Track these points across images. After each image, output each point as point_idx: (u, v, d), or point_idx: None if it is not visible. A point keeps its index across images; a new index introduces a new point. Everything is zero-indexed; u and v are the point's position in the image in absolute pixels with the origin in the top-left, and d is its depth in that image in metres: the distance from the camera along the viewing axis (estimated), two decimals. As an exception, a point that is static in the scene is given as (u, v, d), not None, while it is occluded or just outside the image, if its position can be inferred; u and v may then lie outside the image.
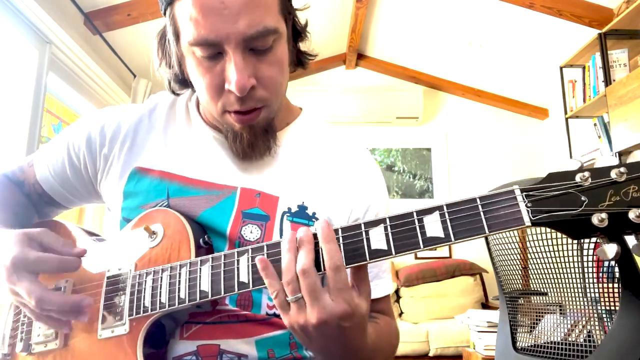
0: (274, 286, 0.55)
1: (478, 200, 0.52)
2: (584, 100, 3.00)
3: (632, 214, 0.47)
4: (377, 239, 0.54)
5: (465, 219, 0.52)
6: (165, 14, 0.68)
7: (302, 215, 0.73)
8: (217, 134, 0.77)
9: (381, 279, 0.78)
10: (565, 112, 3.18)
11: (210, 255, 0.62)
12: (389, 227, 0.54)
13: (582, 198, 0.49)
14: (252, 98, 0.65)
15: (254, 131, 0.70)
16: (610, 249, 0.49)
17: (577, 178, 0.50)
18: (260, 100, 0.66)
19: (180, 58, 0.70)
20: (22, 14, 2.11)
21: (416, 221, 0.53)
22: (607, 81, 2.71)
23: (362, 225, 0.55)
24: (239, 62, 0.62)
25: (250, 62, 0.63)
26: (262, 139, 0.71)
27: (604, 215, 0.47)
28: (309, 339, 0.56)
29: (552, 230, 1.28)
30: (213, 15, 0.60)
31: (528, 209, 0.50)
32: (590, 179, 0.49)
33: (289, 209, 0.73)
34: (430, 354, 3.11)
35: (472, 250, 3.99)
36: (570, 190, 0.50)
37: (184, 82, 0.76)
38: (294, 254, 0.55)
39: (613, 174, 0.48)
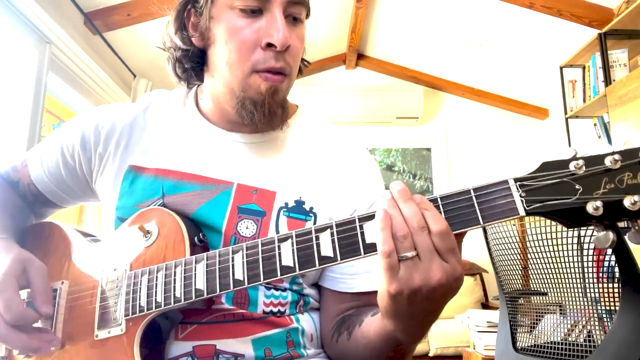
0: (388, 243, 0.50)
1: (472, 192, 0.52)
2: (584, 100, 3.00)
3: (627, 202, 0.46)
4: (372, 233, 0.54)
5: (459, 210, 0.52)
6: None
7: (298, 210, 0.73)
8: (216, 128, 0.77)
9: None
10: (565, 112, 3.18)
11: (204, 254, 0.62)
12: None
13: (577, 186, 0.49)
14: (283, 59, 0.69)
15: (276, 98, 0.71)
16: (606, 237, 0.48)
17: (571, 166, 0.49)
18: (288, 65, 0.70)
19: (211, 20, 0.71)
20: (22, 14, 2.11)
21: None
22: (607, 81, 2.70)
23: (357, 220, 0.55)
24: (283, 19, 0.67)
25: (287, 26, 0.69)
26: (281, 110, 0.73)
27: (598, 203, 0.47)
28: (415, 302, 0.51)
29: (552, 230, 1.28)
30: None
31: (522, 198, 0.50)
32: (584, 167, 0.49)
33: (286, 204, 0.72)
34: (430, 354, 3.10)
35: (472, 250, 3.99)
36: (564, 179, 0.49)
37: (195, 58, 0.75)
38: (415, 209, 0.51)
39: (607, 162, 0.48)
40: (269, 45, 0.67)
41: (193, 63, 0.76)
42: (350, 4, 3.36)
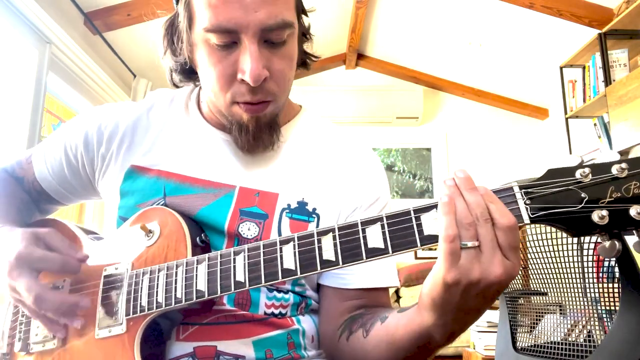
0: (452, 228, 0.48)
1: None
2: (584, 100, 2.99)
3: (633, 211, 0.45)
4: (374, 237, 0.53)
5: None
6: (176, 1, 0.69)
7: (301, 212, 0.72)
8: (217, 131, 0.77)
9: (381, 269, 0.76)
10: (565, 112, 3.18)
11: (206, 255, 0.62)
12: (385, 226, 0.53)
13: (582, 195, 0.48)
14: (262, 90, 0.66)
15: (260, 124, 0.70)
16: (611, 247, 0.47)
17: (577, 174, 0.48)
18: (270, 93, 0.67)
19: (191, 46, 0.70)
20: (22, 14, 2.11)
21: (414, 219, 0.53)
22: (607, 81, 2.70)
23: (359, 224, 0.55)
24: (254, 52, 0.63)
25: (264, 54, 0.64)
26: (267, 132, 0.72)
27: (604, 212, 0.46)
28: (463, 296, 0.49)
29: (552, 230, 1.28)
30: (233, 2, 0.61)
31: (527, 206, 0.50)
32: (590, 175, 0.48)
33: (289, 205, 0.72)
34: (430, 354, 3.10)
35: (472, 250, 3.98)
36: (570, 187, 0.48)
37: (188, 72, 0.75)
38: (480, 199, 0.49)
39: (614, 170, 0.47)
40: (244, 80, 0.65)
41: (187, 77, 0.77)
42: (350, 4, 3.36)
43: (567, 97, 3.18)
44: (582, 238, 1.23)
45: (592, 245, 1.22)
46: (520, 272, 1.52)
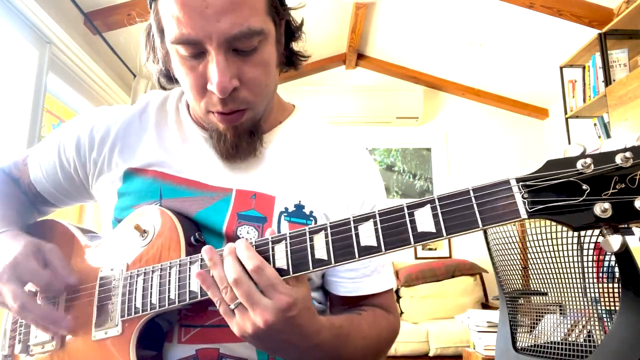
0: (216, 295, 0.56)
1: (471, 192, 0.49)
2: (584, 100, 3.00)
3: (638, 203, 0.42)
4: (367, 235, 0.52)
5: (457, 212, 0.49)
6: (150, 7, 0.68)
7: (299, 215, 0.72)
8: (208, 134, 0.77)
9: (380, 274, 0.76)
10: (565, 112, 3.18)
11: (199, 255, 0.61)
12: (378, 223, 0.52)
13: (584, 187, 0.45)
14: (234, 100, 0.64)
15: (238, 132, 0.69)
16: (615, 241, 0.44)
17: (579, 165, 0.45)
18: (243, 102, 0.65)
19: (165, 55, 0.70)
20: (22, 14, 2.11)
21: (407, 215, 0.51)
22: (607, 81, 2.70)
23: (352, 221, 0.53)
24: (220, 62, 0.61)
25: (233, 63, 0.62)
26: (247, 140, 0.70)
27: (606, 205, 0.43)
28: (263, 341, 0.56)
29: (552, 230, 1.28)
30: (195, 13, 0.59)
31: (524, 200, 0.47)
32: (592, 166, 0.45)
33: (286, 208, 0.71)
34: (430, 354, 3.10)
35: (472, 250, 3.99)
36: (570, 179, 0.46)
37: (170, 77, 0.75)
38: (231, 262, 0.56)
39: (618, 159, 0.44)
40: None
41: (171, 81, 0.76)
42: (350, 4, 3.36)
43: (567, 97, 3.18)
44: (582, 238, 1.23)
45: (592, 245, 1.22)
46: (520, 272, 1.52)
